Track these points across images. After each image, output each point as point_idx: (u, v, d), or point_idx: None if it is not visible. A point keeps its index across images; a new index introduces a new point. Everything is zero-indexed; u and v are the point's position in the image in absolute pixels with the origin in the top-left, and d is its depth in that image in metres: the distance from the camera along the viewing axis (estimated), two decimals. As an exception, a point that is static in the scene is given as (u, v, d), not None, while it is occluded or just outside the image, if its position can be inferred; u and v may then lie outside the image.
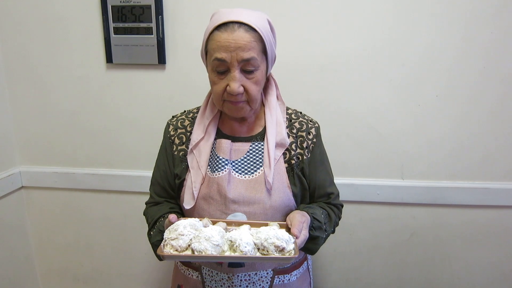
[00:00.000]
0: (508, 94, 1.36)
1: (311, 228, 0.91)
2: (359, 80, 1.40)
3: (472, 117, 1.39)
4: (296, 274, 1.03)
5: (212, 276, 0.98)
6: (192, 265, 1.03)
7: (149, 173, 1.52)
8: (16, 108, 1.57)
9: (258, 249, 0.77)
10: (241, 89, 0.88)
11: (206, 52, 0.92)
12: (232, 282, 0.96)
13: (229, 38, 0.84)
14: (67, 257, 1.74)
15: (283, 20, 1.37)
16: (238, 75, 0.87)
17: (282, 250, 0.75)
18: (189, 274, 1.04)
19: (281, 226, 0.86)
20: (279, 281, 0.99)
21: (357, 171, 1.48)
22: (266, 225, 0.87)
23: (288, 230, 0.85)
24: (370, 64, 1.38)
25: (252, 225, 0.87)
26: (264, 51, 0.90)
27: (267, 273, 0.98)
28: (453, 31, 1.32)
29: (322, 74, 1.40)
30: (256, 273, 0.97)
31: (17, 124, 1.59)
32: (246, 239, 0.76)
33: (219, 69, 0.88)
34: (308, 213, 0.91)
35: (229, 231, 0.84)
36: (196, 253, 0.74)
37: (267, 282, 0.97)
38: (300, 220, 0.85)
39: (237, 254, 0.75)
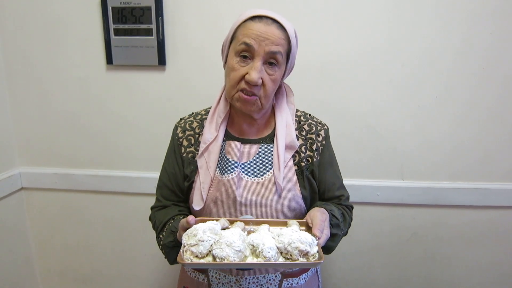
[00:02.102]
0: (507, 94, 1.36)
1: (330, 225, 0.89)
2: (359, 81, 1.40)
3: (472, 118, 1.39)
4: (304, 278, 1.01)
5: (219, 279, 0.97)
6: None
7: (149, 175, 1.55)
8: (16, 109, 1.57)
9: (281, 253, 0.75)
10: (260, 81, 0.88)
11: (231, 41, 0.92)
12: (240, 285, 0.95)
13: (261, 29, 0.86)
14: (67, 258, 1.74)
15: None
16: (260, 66, 0.87)
17: (306, 254, 0.74)
18: (195, 276, 1.02)
19: (300, 224, 0.85)
20: (288, 284, 0.98)
21: (357, 172, 1.48)
22: (285, 223, 0.86)
23: (308, 228, 0.84)
24: (370, 64, 1.38)
25: (271, 223, 0.86)
26: (288, 54, 0.91)
27: (276, 276, 0.96)
28: (452, 32, 1.33)
29: (322, 75, 1.41)
30: (264, 276, 0.95)
31: (17, 125, 1.59)
32: (268, 244, 0.74)
33: (243, 53, 0.88)
34: (326, 210, 0.90)
35: (247, 231, 0.83)
36: (218, 260, 0.72)
37: (275, 285, 0.96)
38: (321, 219, 0.83)
39: (260, 260, 0.73)
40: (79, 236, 1.70)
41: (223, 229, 0.82)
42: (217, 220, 0.83)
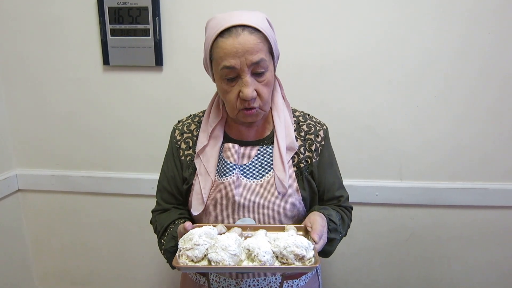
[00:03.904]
0: (506, 94, 1.36)
1: (328, 230, 0.88)
2: (358, 81, 1.39)
3: (470, 117, 1.39)
4: (305, 279, 1.01)
5: (219, 282, 0.96)
6: None
7: (147, 176, 1.54)
8: (13, 110, 1.56)
9: (277, 257, 0.75)
10: (255, 93, 0.86)
11: (211, 61, 0.90)
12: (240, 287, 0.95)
13: (235, 43, 0.82)
14: (64, 260, 1.72)
15: (282, 21, 1.36)
16: (250, 80, 0.85)
17: (302, 258, 0.73)
18: (196, 279, 1.02)
19: (298, 229, 0.84)
20: (288, 286, 0.97)
21: (356, 172, 1.47)
22: (283, 229, 0.85)
23: (305, 232, 0.83)
24: (369, 65, 1.38)
25: (268, 229, 0.85)
26: (270, 50, 0.89)
27: (276, 279, 0.95)
28: (451, 33, 1.32)
29: (321, 75, 1.40)
30: (264, 279, 0.95)
31: (14, 127, 1.58)
32: (264, 248, 0.73)
33: (229, 76, 0.86)
34: (324, 215, 0.89)
35: (245, 236, 0.82)
36: (213, 264, 0.72)
37: None
38: (322, 224, 0.83)
39: (255, 264, 0.73)
40: (77, 238, 1.68)
41: (220, 234, 0.82)
42: (214, 226, 0.83)
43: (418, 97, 1.39)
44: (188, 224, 0.81)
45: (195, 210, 0.95)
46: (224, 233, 0.82)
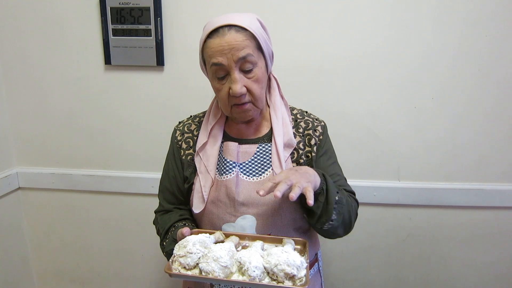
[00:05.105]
0: (502, 96, 1.38)
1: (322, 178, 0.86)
2: (356, 82, 1.41)
3: (468, 119, 1.41)
4: None
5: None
6: None
7: (147, 175, 1.55)
8: (14, 109, 1.57)
9: (268, 273, 0.76)
10: (244, 89, 0.88)
11: (204, 62, 0.94)
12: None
13: (222, 42, 0.86)
14: (64, 258, 1.73)
15: (282, 23, 1.38)
16: (238, 76, 0.87)
17: (292, 277, 0.73)
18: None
19: (296, 243, 0.85)
20: None
21: (354, 173, 1.49)
22: (281, 240, 0.85)
23: (303, 246, 0.85)
24: (367, 66, 1.39)
25: (266, 240, 0.86)
26: (259, 48, 0.90)
27: None
28: (449, 35, 1.34)
29: (320, 76, 1.42)
30: None
31: (15, 125, 1.59)
32: (255, 263, 0.74)
33: (218, 74, 0.89)
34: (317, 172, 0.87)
35: (242, 246, 0.84)
36: (203, 274, 0.74)
37: None
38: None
39: (245, 278, 0.74)
40: (76, 236, 1.69)
41: (218, 242, 0.83)
42: (211, 234, 0.84)
43: (416, 98, 1.40)
44: (186, 230, 0.84)
45: (196, 208, 0.96)
46: (221, 241, 0.83)
